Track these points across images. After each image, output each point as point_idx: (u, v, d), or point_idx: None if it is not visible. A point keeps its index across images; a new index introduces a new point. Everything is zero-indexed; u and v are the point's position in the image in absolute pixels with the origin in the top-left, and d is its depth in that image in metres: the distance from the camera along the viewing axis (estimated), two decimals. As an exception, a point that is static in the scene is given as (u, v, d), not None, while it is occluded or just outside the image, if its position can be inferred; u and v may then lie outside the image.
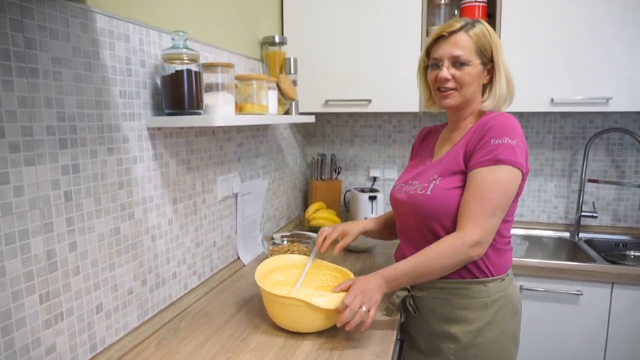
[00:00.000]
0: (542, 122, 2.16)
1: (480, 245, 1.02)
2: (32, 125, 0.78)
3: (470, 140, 1.09)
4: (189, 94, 1.07)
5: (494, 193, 1.01)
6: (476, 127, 1.10)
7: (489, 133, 1.04)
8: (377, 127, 2.36)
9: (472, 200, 1.02)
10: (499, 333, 1.12)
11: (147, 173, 1.10)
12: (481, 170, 1.03)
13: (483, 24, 1.12)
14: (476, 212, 1.01)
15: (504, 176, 1.02)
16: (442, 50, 1.10)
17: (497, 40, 1.11)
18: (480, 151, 1.04)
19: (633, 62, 1.70)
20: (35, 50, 0.78)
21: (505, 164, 1.01)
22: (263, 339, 1.07)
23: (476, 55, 1.09)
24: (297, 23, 1.97)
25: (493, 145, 1.02)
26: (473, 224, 1.01)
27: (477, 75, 1.10)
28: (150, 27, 1.09)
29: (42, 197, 0.80)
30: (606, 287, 1.64)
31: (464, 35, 1.09)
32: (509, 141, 1.02)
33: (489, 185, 1.01)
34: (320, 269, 1.28)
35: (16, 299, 0.76)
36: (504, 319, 1.12)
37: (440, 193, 1.09)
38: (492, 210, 1.02)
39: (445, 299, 1.13)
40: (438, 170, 1.13)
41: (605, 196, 2.12)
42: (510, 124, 1.05)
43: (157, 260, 1.15)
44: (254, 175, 1.72)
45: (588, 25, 1.72)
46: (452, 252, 1.02)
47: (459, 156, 1.09)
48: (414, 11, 1.85)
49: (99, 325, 0.96)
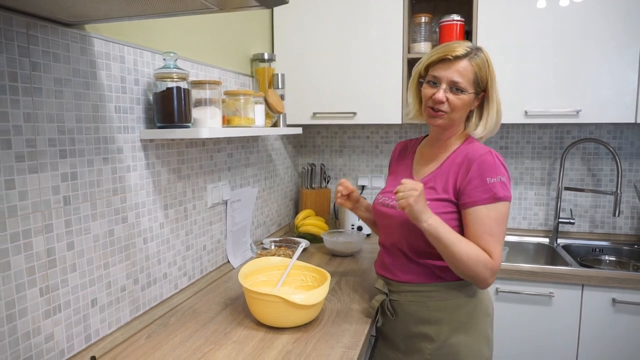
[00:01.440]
0: (522, 133, 2.26)
1: (497, 272, 1.13)
2: (36, 137, 0.89)
3: (458, 173, 1.17)
4: (178, 108, 1.18)
5: (500, 226, 1.12)
6: (462, 159, 1.18)
7: (482, 172, 1.13)
8: (365, 138, 2.47)
9: (486, 236, 1.11)
10: (472, 333, 1.20)
11: (140, 181, 1.20)
12: (483, 208, 1.12)
13: (484, 52, 1.19)
14: (493, 244, 1.11)
15: (503, 210, 1.13)
16: (444, 73, 1.16)
17: (494, 73, 1.20)
18: (477, 190, 1.13)
19: (601, 76, 1.81)
20: (39, 72, 0.89)
21: (503, 200, 1.12)
22: (244, 333, 1.17)
23: (473, 84, 1.17)
24: (287, 40, 2.09)
25: (490, 184, 1.12)
26: (496, 255, 1.11)
27: (468, 103, 1.18)
28: (144, 48, 1.21)
29: (44, 201, 0.91)
30: (577, 289, 1.73)
31: (467, 62, 1.15)
32: (501, 179, 1.13)
33: (495, 221, 1.12)
34: (301, 270, 1.37)
35: (19, 291, 0.86)
36: (477, 320, 1.21)
37: None
38: (502, 240, 1.14)
39: (421, 302, 1.22)
40: (427, 193, 1.18)
41: (583, 203, 2.22)
42: (496, 162, 1.14)
43: (148, 261, 1.25)
44: (244, 184, 1.82)
45: (560, 41, 1.83)
46: (479, 267, 1.10)
47: (449, 186, 1.18)
48: (396, 29, 1.96)
49: (94, 318, 1.05)
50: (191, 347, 1.09)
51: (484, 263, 1.10)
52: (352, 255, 1.86)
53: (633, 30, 1.76)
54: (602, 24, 1.78)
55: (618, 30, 1.77)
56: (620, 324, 1.71)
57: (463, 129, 1.25)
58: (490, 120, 1.21)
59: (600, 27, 1.78)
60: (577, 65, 1.83)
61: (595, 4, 1.78)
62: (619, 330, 1.71)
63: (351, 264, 1.74)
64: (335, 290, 1.45)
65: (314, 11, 2.04)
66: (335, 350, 1.07)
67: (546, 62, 1.85)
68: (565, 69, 1.84)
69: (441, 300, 1.20)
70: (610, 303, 1.70)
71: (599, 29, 1.79)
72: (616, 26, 1.77)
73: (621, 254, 2.08)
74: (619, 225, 2.19)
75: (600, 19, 1.78)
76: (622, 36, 1.77)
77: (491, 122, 1.21)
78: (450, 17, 1.96)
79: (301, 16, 2.06)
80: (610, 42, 1.78)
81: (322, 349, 1.08)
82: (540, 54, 1.86)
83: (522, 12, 1.85)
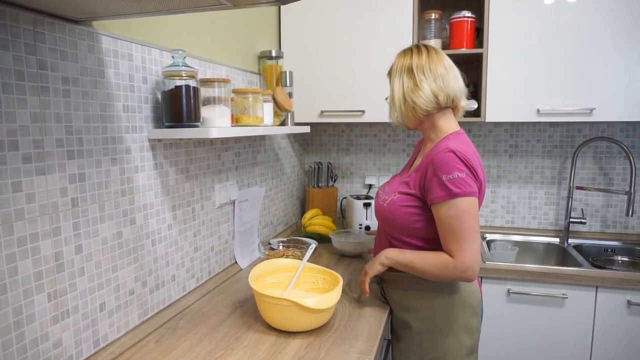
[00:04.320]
0: (532, 132, 2.23)
1: (471, 269, 1.12)
2: (43, 138, 0.86)
3: (425, 170, 1.18)
4: (187, 107, 1.15)
5: (462, 223, 1.11)
6: (428, 157, 1.19)
7: (438, 170, 1.13)
8: (373, 136, 2.44)
9: (448, 234, 1.13)
10: (449, 323, 1.23)
11: (148, 181, 1.17)
12: (443, 205, 1.12)
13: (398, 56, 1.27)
14: (456, 243, 1.12)
15: (464, 206, 1.11)
16: None
17: (396, 67, 1.25)
18: (435, 187, 1.13)
19: (615, 74, 1.77)
20: (46, 70, 0.86)
21: (460, 196, 1.10)
22: (255, 337, 1.14)
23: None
24: (294, 37, 2.06)
25: (445, 181, 1.11)
26: (460, 253, 1.12)
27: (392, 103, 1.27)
28: (152, 45, 1.18)
29: (51, 203, 0.88)
30: (590, 291, 1.70)
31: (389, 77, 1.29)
32: (458, 175, 1.11)
33: (455, 218, 1.11)
34: (312, 272, 1.35)
35: (27, 296, 0.84)
36: (455, 310, 1.23)
37: (393, 208, 1.24)
38: (469, 237, 1.11)
39: (402, 289, 1.29)
40: (401, 187, 1.26)
41: (594, 203, 2.18)
42: (453, 159, 1.12)
43: (157, 264, 1.22)
44: (251, 183, 1.80)
45: (573, 40, 1.79)
46: (444, 272, 1.14)
47: (417, 182, 1.20)
48: (405, 25, 1.93)
49: (102, 323, 1.03)
50: (202, 352, 1.06)
51: (445, 266, 1.13)
52: (360, 256, 1.83)
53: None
54: (615, 20, 1.74)
55: (632, 26, 1.73)
56: (636, 326, 1.68)
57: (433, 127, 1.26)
58: (389, 109, 1.29)
59: (613, 23, 1.75)
60: (591, 62, 1.79)
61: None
62: (635, 333, 1.68)
63: (361, 264, 1.72)
64: (345, 292, 1.42)
65: (321, 8, 2.01)
66: (350, 356, 1.05)
67: (558, 59, 1.82)
68: (578, 67, 1.80)
69: (419, 289, 1.25)
70: (625, 305, 1.67)
71: (612, 25, 1.75)
72: (630, 22, 1.73)
73: (634, 255, 2.04)
74: (631, 225, 2.15)
75: (614, 14, 1.74)
76: (637, 32, 1.73)
77: (390, 110, 1.29)
78: (460, 14, 1.93)
79: (308, 13, 2.02)
80: (624, 38, 1.74)
81: (336, 355, 1.05)
82: (552, 51, 1.82)
83: (534, 9, 1.82)
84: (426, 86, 1.19)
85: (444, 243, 1.15)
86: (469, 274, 1.12)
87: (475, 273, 1.13)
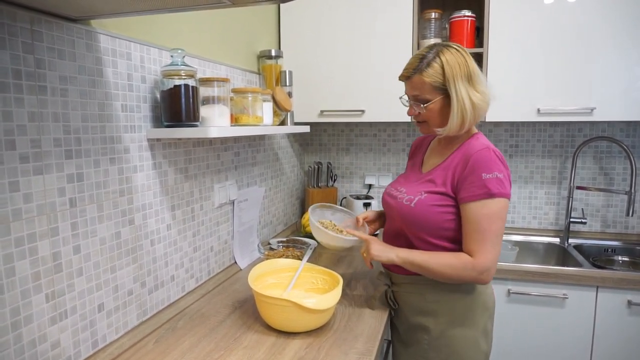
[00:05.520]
0: (532, 131, 2.22)
1: (488, 271, 1.11)
2: (41, 137, 0.85)
3: (457, 168, 1.15)
4: (186, 107, 1.15)
5: (492, 224, 1.09)
6: (462, 154, 1.16)
7: (478, 168, 1.10)
8: (372, 136, 2.43)
9: (473, 233, 1.11)
10: (469, 326, 1.20)
11: (147, 181, 1.17)
12: (476, 204, 1.10)
13: (441, 55, 1.13)
14: (481, 242, 1.10)
15: (497, 207, 1.10)
16: (406, 90, 1.22)
17: (454, 72, 1.12)
18: (472, 185, 1.11)
19: (615, 74, 1.77)
20: (44, 69, 0.85)
21: (497, 196, 1.09)
22: (255, 338, 1.13)
23: (434, 92, 1.15)
24: (294, 37, 2.05)
25: (484, 180, 1.09)
26: (482, 253, 1.10)
27: (440, 109, 1.16)
28: (151, 44, 1.17)
29: (49, 203, 0.88)
30: (591, 291, 1.70)
31: (418, 77, 1.15)
32: (497, 175, 1.10)
33: (485, 218, 1.09)
34: (312, 272, 1.34)
35: (24, 297, 0.83)
36: (474, 313, 1.20)
37: (424, 208, 1.18)
38: (494, 239, 1.10)
39: (419, 293, 1.24)
40: (425, 186, 1.21)
41: (595, 203, 2.18)
42: (493, 158, 1.11)
43: (156, 264, 1.21)
44: (251, 183, 1.79)
45: (574, 38, 1.79)
46: (462, 272, 1.12)
47: (447, 180, 1.16)
48: (405, 25, 1.92)
49: (101, 324, 1.02)
50: (201, 353, 1.05)
51: (464, 266, 1.10)
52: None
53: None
54: (615, 19, 1.74)
55: (632, 26, 1.73)
56: (636, 326, 1.67)
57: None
58: (452, 121, 1.15)
59: (613, 23, 1.74)
60: (591, 62, 1.78)
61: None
62: (635, 333, 1.68)
63: (361, 265, 1.71)
64: (345, 292, 1.42)
65: (321, 7, 2.00)
66: (349, 357, 1.04)
67: (559, 58, 1.81)
68: (578, 66, 1.80)
69: (438, 292, 1.21)
70: (626, 305, 1.67)
71: (612, 25, 1.74)
72: (630, 22, 1.73)
73: (634, 254, 2.04)
74: (632, 225, 2.15)
75: (614, 14, 1.74)
76: (637, 32, 1.72)
77: (453, 122, 1.15)
78: (460, 13, 1.92)
79: (308, 12, 2.02)
80: (625, 38, 1.74)
81: (336, 356, 1.04)
82: (552, 50, 1.81)
83: (535, 9, 1.81)
84: (485, 90, 1.16)
85: (467, 241, 1.12)
86: (486, 275, 1.10)
87: (491, 276, 1.12)
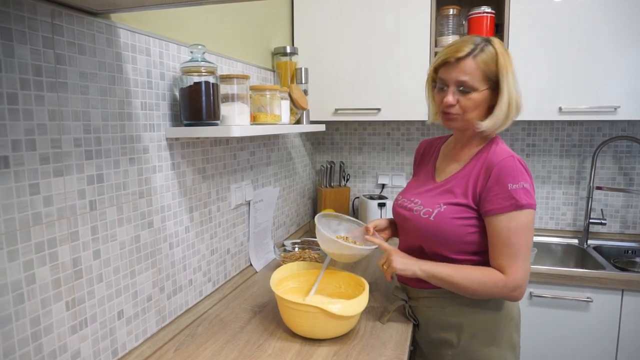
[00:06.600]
0: (550, 130, 2.17)
1: (521, 287, 1.05)
2: (61, 137, 0.81)
3: (478, 177, 1.09)
4: (206, 105, 1.10)
5: (522, 237, 1.04)
6: (483, 162, 1.10)
7: (504, 178, 1.05)
8: (386, 135, 2.38)
9: (502, 248, 1.05)
10: (495, 339, 1.14)
11: (166, 182, 1.12)
12: (504, 216, 1.04)
13: (494, 45, 1.09)
14: (512, 258, 1.04)
15: (525, 220, 1.04)
16: (449, 75, 1.10)
17: (506, 63, 1.08)
18: (498, 197, 1.04)
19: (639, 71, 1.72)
20: (64, 65, 0.81)
21: (525, 208, 1.03)
22: (279, 345, 1.09)
23: (483, 81, 1.08)
24: (308, 33, 2.00)
25: (511, 191, 1.03)
26: (513, 269, 1.04)
27: (482, 101, 1.10)
28: (170, 40, 1.13)
29: (69, 206, 0.83)
30: (616, 294, 1.65)
31: (471, 61, 1.07)
32: (524, 185, 1.04)
33: (514, 231, 1.03)
34: (334, 276, 1.30)
35: (45, 306, 0.79)
36: (499, 325, 1.15)
37: (445, 222, 1.11)
38: (525, 253, 1.05)
39: (439, 307, 1.17)
40: (443, 197, 1.14)
41: (614, 203, 2.13)
42: (518, 167, 1.06)
43: (174, 268, 1.17)
44: (266, 183, 1.75)
45: (596, 35, 1.74)
46: (492, 289, 1.06)
47: (468, 191, 1.10)
48: (422, 21, 1.88)
49: (120, 331, 0.98)
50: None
51: (494, 283, 1.05)
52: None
53: (676, 22, 1.67)
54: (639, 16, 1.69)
55: (660, 22, 1.68)
56: (663, 331, 1.63)
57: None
58: (499, 114, 1.09)
59: (638, 19, 1.69)
60: (615, 59, 1.73)
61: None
62: (660, 337, 1.64)
63: (377, 271, 1.67)
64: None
65: (336, 2, 1.95)
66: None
67: (582, 56, 1.76)
68: (602, 64, 1.75)
69: (460, 305, 1.14)
70: (652, 309, 1.63)
71: (637, 21, 1.69)
72: (658, 18, 1.68)
73: (655, 256, 2.00)
74: (652, 226, 2.10)
75: (639, 10, 1.69)
76: (664, 28, 1.68)
77: (499, 115, 1.09)
78: (479, 9, 1.87)
79: (322, 7, 1.97)
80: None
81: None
82: (575, 47, 1.77)
83: (557, 4, 1.76)
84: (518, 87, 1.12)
85: (495, 257, 1.06)
86: (518, 292, 1.05)
87: (523, 293, 1.06)
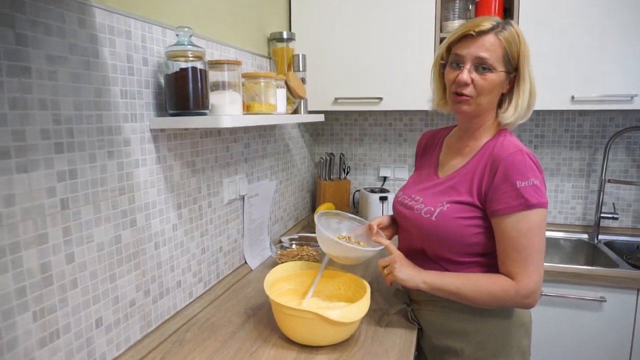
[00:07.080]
0: (560, 121, 2.08)
1: (534, 294, 0.97)
2: (25, 129, 0.72)
3: (484, 173, 1.01)
4: (194, 93, 1.01)
5: (533, 240, 0.95)
6: (489, 157, 1.02)
7: (511, 175, 0.96)
8: (388, 126, 2.29)
9: (512, 252, 0.97)
10: (502, 347, 1.06)
11: (150, 177, 1.04)
12: (513, 217, 0.95)
13: (515, 27, 1.02)
14: (523, 263, 0.96)
15: (536, 220, 0.95)
16: (467, 50, 1.00)
17: (526, 49, 1.02)
18: (506, 196, 0.96)
19: (659, 57, 1.62)
20: (27, 47, 0.72)
21: (536, 207, 0.95)
22: (273, 353, 1.01)
23: (502, 62, 1.00)
24: (306, 18, 1.90)
25: (520, 189, 0.94)
26: (525, 275, 0.96)
27: (498, 84, 1.01)
28: (153, 22, 1.03)
29: (36, 206, 0.74)
30: (631, 294, 1.57)
31: (493, 37, 0.99)
32: (534, 182, 0.95)
33: (524, 233, 0.95)
34: (333, 277, 1.21)
35: (7, 318, 0.70)
36: (508, 331, 1.07)
37: (447, 222, 1.03)
38: (537, 257, 0.96)
39: (443, 313, 1.10)
40: (447, 194, 1.06)
41: (626, 197, 2.04)
42: (527, 162, 0.97)
43: (160, 269, 1.09)
44: (261, 177, 1.66)
45: (612, 20, 1.64)
46: (503, 297, 0.98)
47: (473, 188, 1.02)
48: (427, 6, 1.77)
49: (99, 341, 0.90)
50: (213, 373, 0.93)
51: (505, 292, 0.97)
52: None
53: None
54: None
55: (681, 4, 1.58)
56: (679, 332, 1.55)
57: (494, 118, 1.07)
58: (522, 103, 1.02)
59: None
60: (629, 45, 1.63)
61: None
62: (676, 339, 1.56)
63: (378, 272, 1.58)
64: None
65: (336, -15, 1.85)
66: (382, 378, 0.92)
67: (595, 42, 1.66)
68: (617, 50, 1.65)
69: (465, 311, 1.06)
70: (669, 309, 1.55)
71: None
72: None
73: (669, 253, 1.91)
74: (666, 221, 2.02)
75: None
76: (685, 12, 1.57)
77: (523, 105, 1.03)
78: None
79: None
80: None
81: (367, 376, 0.92)
82: (588, 33, 1.66)
83: (571, -15, 1.66)
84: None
85: (505, 262, 0.98)
86: (531, 299, 0.96)
87: (538, 298, 0.97)
